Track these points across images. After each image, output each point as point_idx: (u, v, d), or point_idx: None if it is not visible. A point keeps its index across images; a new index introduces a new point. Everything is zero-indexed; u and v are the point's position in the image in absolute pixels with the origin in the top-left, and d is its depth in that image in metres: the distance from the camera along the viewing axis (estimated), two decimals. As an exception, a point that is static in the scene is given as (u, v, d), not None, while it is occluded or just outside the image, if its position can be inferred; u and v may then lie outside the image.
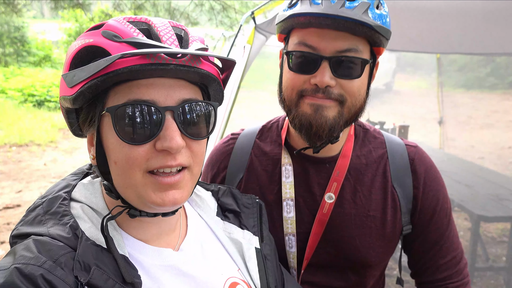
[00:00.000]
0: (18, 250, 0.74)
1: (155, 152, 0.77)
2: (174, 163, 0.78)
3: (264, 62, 15.92)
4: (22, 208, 5.60)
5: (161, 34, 0.77)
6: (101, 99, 0.78)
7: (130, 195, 0.81)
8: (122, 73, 0.72)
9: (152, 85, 0.76)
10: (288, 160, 1.31)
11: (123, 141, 0.76)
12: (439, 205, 1.30)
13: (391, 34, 1.15)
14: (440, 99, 6.95)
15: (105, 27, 0.77)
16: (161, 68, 0.73)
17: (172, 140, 0.75)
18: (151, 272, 0.84)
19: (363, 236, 1.26)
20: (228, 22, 6.36)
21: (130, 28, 0.76)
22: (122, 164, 0.78)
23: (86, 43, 0.76)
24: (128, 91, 0.76)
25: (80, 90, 0.75)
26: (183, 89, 0.79)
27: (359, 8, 1.06)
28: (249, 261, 1.01)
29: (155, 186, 0.79)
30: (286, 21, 1.15)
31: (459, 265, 1.34)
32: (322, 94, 1.12)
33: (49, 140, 9.06)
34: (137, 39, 0.74)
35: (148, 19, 0.80)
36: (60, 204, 0.84)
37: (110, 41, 0.74)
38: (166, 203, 0.79)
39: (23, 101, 12.02)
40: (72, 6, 6.03)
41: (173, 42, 0.77)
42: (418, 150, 1.34)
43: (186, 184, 0.82)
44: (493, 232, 5.02)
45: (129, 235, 0.87)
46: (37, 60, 16.78)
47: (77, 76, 0.75)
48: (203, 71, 0.78)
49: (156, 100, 0.76)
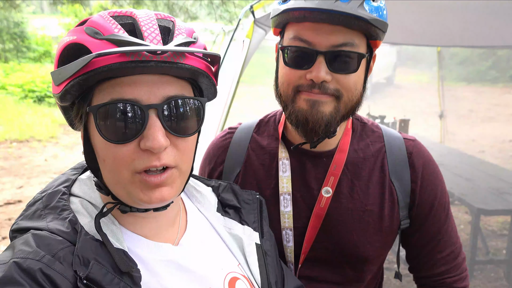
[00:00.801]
0: (17, 245, 0.74)
1: (140, 152, 0.76)
2: (158, 163, 0.77)
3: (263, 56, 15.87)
4: (23, 203, 5.62)
5: (144, 29, 0.75)
6: (87, 97, 0.77)
7: (119, 191, 0.81)
8: (102, 71, 0.71)
9: (134, 83, 0.75)
10: (285, 155, 1.30)
11: (106, 140, 0.75)
12: (437, 199, 1.30)
13: (387, 26, 1.14)
14: (440, 93, 6.94)
15: (88, 23, 0.76)
16: (141, 65, 0.71)
17: (154, 140, 0.74)
18: (151, 266, 0.84)
19: (361, 231, 1.25)
20: (228, 16, 6.33)
21: (112, 24, 0.75)
22: (109, 162, 0.78)
23: (70, 40, 0.75)
24: (111, 90, 0.75)
25: (65, 89, 0.74)
26: (168, 85, 0.77)
27: (354, 2, 1.04)
28: (250, 257, 1.00)
29: (143, 185, 0.78)
30: (280, 15, 1.14)
31: (457, 259, 1.34)
32: (318, 89, 1.11)
33: (49, 135, 9.06)
34: (117, 36, 0.72)
35: (132, 13, 0.79)
36: (59, 199, 0.84)
37: (92, 38, 0.73)
38: (153, 201, 0.79)
39: (23, 97, 12.01)
40: (71, 1, 6.01)
41: (155, 37, 0.75)
42: (416, 144, 1.33)
43: (174, 181, 0.82)
44: (494, 226, 5.02)
45: (127, 230, 0.87)
46: (37, 56, 16.73)
47: (62, 75, 0.74)
48: (187, 66, 0.76)
49: (139, 98, 0.75)
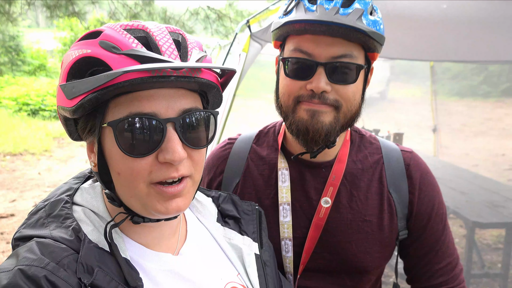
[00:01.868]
0: (21, 252, 0.74)
1: (158, 164, 0.78)
2: (176, 175, 0.78)
3: (259, 70, 15.97)
4: (16, 217, 5.56)
5: (160, 44, 0.76)
6: (101, 111, 0.78)
7: (134, 204, 0.82)
8: (123, 86, 0.71)
9: (152, 97, 0.76)
10: (284, 165, 1.32)
11: (126, 154, 0.76)
12: (434, 210, 1.31)
13: (385, 39, 1.17)
14: (434, 107, 6.99)
15: (102, 37, 0.76)
16: (162, 80, 0.72)
17: (175, 153, 0.76)
18: (152, 276, 0.84)
19: (360, 241, 1.26)
20: (224, 30, 6.39)
21: (128, 38, 0.75)
22: (126, 175, 0.78)
23: (84, 53, 0.75)
24: (129, 104, 0.76)
25: (80, 103, 0.74)
26: (183, 98, 0.79)
27: (353, 15, 1.08)
28: (249, 267, 1.01)
29: (159, 196, 0.79)
30: (281, 28, 1.17)
31: (454, 270, 1.34)
32: (318, 99, 1.13)
33: (43, 149, 9.02)
34: (136, 51, 0.73)
35: (145, 26, 0.80)
36: (62, 207, 0.85)
37: (109, 52, 0.73)
38: (170, 212, 0.80)
39: (18, 110, 11.97)
40: (68, 15, 6.04)
41: (172, 52, 0.76)
42: (413, 156, 1.35)
43: (188, 191, 0.83)
44: (489, 239, 5.03)
45: (130, 239, 0.88)
46: (32, 69, 16.74)
47: (77, 88, 0.74)
48: (203, 80, 0.78)
49: (157, 112, 0.76)
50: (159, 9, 6.49)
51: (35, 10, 6.00)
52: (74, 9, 5.90)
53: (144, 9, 6.34)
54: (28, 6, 5.49)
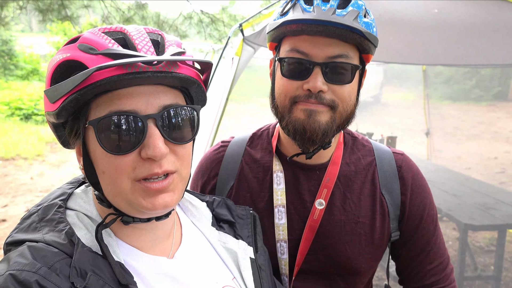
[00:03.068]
0: (12, 257, 0.74)
1: (141, 161, 0.78)
2: (160, 171, 0.78)
3: (252, 75, 15.99)
4: (7, 223, 5.50)
5: (136, 42, 0.78)
6: (83, 112, 0.79)
7: (121, 202, 0.81)
8: (100, 85, 0.72)
9: (132, 94, 0.77)
10: (279, 167, 1.32)
11: (108, 152, 0.77)
12: (426, 211, 1.33)
13: (378, 41, 1.19)
14: (426, 110, 7.04)
15: (80, 40, 0.77)
16: (138, 76, 0.73)
17: (155, 149, 0.76)
18: (146, 279, 0.84)
19: (353, 243, 1.27)
20: (217, 35, 6.40)
21: (105, 39, 0.76)
22: (110, 173, 0.79)
23: (64, 57, 0.76)
24: (109, 102, 0.76)
25: (62, 105, 0.75)
26: (163, 95, 0.80)
27: (349, 16, 1.10)
28: (244, 271, 1.01)
29: (145, 192, 0.79)
30: (278, 29, 1.18)
31: (445, 270, 1.36)
32: (315, 99, 1.14)
33: (36, 153, 8.95)
34: (112, 50, 0.74)
35: (122, 28, 0.81)
36: (55, 212, 0.85)
37: (86, 54, 0.75)
38: (157, 207, 0.80)
39: (10, 115, 11.90)
40: (61, 19, 6.03)
41: (148, 49, 0.78)
42: (405, 158, 1.37)
43: (175, 186, 0.83)
44: (481, 241, 5.06)
45: (124, 242, 0.87)
46: (25, 74, 16.66)
47: (58, 91, 0.75)
48: (181, 75, 0.79)
49: (137, 109, 0.77)
50: (152, 13, 6.49)
51: (28, 14, 5.98)
52: (66, 13, 5.89)
53: (137, 13, 6.35)
54: (20, 10, 5.47)
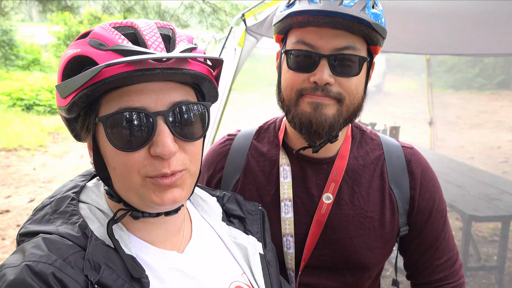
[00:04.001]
0: (27, 248, 0.74)
1: (150, 158, 0.77)
2: (168, 171, 0.78)
3: (255, 64, 15.93)
4: (11, 213, 5.53)
5: (147, 38, 0.77)
6: (94, 107, 0.78)
7: (132, 197, 0.81)
8: (110, 81, 0.72)
9: (141, 91, 0.76)
10: (286, 161, 1.31)
11: (117, 148, 0.76)
12: (435, 206, 1.31)
13: (386, 33, 1.16)
14: (430, 100, 7.00)
15: (91, 36, 0.77)
16: (148, 73, 0.72)
17: (164, 147, 0.75)
18: (157, 273, 0.84)
19: (361, 237, 1.26)
20: (219, 24, 6.36)
21: (115, 35, 0.76)
22: (120, 169, 0.78)
23: (74, 53, 0.76)
24: (119, 99, 0.76)
25: (72, 101, 0.75)
26: (173, 91, 0.79)
27: (357, 6, 1.08)
28: (254, 266, 1.01)
29: (155, 187, 0.79)
30: (284, 20, 1.16)
31: (454, 266, 1.35)
32: (321, 92, 1.12)
33: (38, 144, 8.97)
34: (122, 46, 0.74)
35: (133, 23, 0.80)
36: (68, 204, 0.85)
37: (97, 49, 0.74)
38: (165, 202, 0.80)
39: (12, 105, 11.89)
40: (61, 9, 5.98)
41: (158, 45, 0.77)
42: (414, 152, 1.35)
43: (184, 182, 0.83)
44: (484, 232, 5.06)
45: (135, 236, 0.88)
46: (26, 64, 16.63)
47: (68, 87, 0.75)
48: (191, 72, 0.78)
49: (146, 106, 0.76)
50: (153, 3, 6.44)
51: (28, 4, 5.93)
52: (66, 3, 5.84)
53: (138, 3, 6.29)
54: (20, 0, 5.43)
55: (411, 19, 3.36)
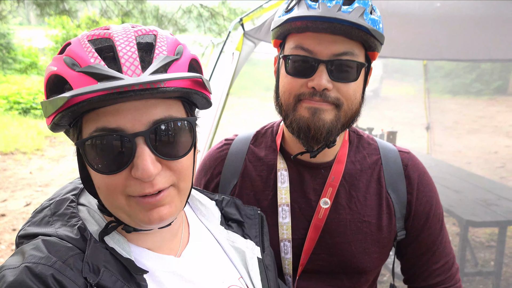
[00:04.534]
0: (27, 250, 0.74)
1: (132, 179, 0.75)
2: (151, 190, 0.75)
3: (252, 68, 15.94)
4: (7, 217, 5.49)
5: (121, 55, 0.72)
6: (77, 126, 0.77)
7: (120, 215, 0.80)
8: (83, 106, 0.69)
9: (117, 112, 0.73)
10: (283, 165, 1.31)
11: (97, 171, 0.75)
12: (432, 210, 1.31)
13: (384, 38, 1.17)
14: (427, 105, 7.02)
15: (66, 52, 0.74)
16: (121, 96, 0.68)
17: (144, 170, 0.72)
18: (156, 277, 0.84)
19: (358, 242, 1.26)
20: (217, 29, 6.36)
21: (88, 52, 0.72)
22: (104, 190, 0.78)
23: (52, 71, 0.74)
24: (96, 119, 0.73)
25: (53, 122, 0.74)
26: (153, 108, 0.75)
27: (355, 12, 1.08)
28: (252, 270, 1.01)
29: (140, 206, 0.77)
30: (283, 26, 1.16)
31: (451, 270, 1.35)
32: (319, 97, 1.13)
33: (35, 148, 8.93)
34: (92, 68, 0.70)
35: (111, 34, 0.76)
36: (68, 206, 0.85)
37: (70, 69, 0.71)
38: (153, 222, 0.78)
39: (9, 109, 11.85)
40: (59, 13, 5.98)
41: (132, 63, 0.72)
42: (411, 156, 1.35)
43: (172, 199, 0.80)
44: (481, 237, 5.06)
45: (131, 244, 0.87)
46: (23, 67, 16.58)
47: (48, 108, 0.73)
48: (170, 89, 0.72)
49: (123, 127, 0.73)
50: (151, 7, 6.44)
51: (26, 7, 5.93)
52: (64, 7, 5.84)
53: (136, 7, 6.29)
54: (17, 3, 5.42)
55: (409, 24, 3.37)
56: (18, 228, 5.12)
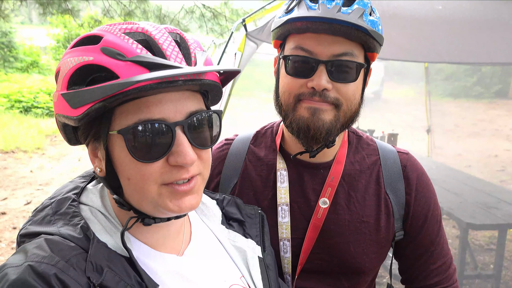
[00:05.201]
0: (29, 248, 0.74)
1: (168, 167, 0.78)
2: (187, 176, 0.79)
3: (254, 69, 15.95)
4: (7, 216, 5.50)
5: (164, 48, 0.76)
6: (107, 118, 0.77)
7: (145, 206, 0.81)
8: (131, 93, 0.71)
9: (160, 102, 0.76)
10: (283, 165, 1.31)
11: (138, 160, 0.76)
12: (430, 211, 1.32)
13: (383, 40, 1.18)
14: (428, 107, 7.02)
15: (104, 43, 0.74)
16: (171, 85, 0.72)
17: (187, 156, 0.76)
18: (158, 276, 0.84)
19: (357, 242, 1.26)
20: (219, 29, 6.37)
21: (131, 44, 0.74)
22: (136, 180, 0.78)
23: (86, 61, 0.73)
24: (137, 110, 0.75)
25: (87, 112, 0.73)
26: (189, 101, 0.80)
27: (355, 13, 1.09)
28: (253, 269, 1.02)
29: (172, 195, 0.80)
30: (283, 26, 1.17)
31: (449, 270, 1.36)
32: (319, 97, 1.14)
33: (35, 146, 8.94)
34: (143, 58, 0.72)
35: (144, 29, 0.78)
36: (69, 205, 0.85)
37: (114, 59, 0.72)
38: (183, 209, 0.81)
39: (10, 107, 11.86)
40: (61, 12, 5.99)
41: (177, 56, 0.76)
42: (410, 157, 1.36)
43: (199, 188, 0.84)
44: (481, 240, 5.06)
45: (136, 239, 0.88)
46: (25, 66, 16.61)
47: (82, 98, 0.72)
48: (209, 82, 0.79)
49: (166, 117, 0.76)
50: (153, 7, 6.45)
51: (28, 6, 5.94)
52: (67, 6, 5.86)
53: (138, 6, 6.30)
54: (20, 2, 5.44)
55: (411, 27, 3.38)
56: (19, 227, 5.12)
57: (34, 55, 17.28)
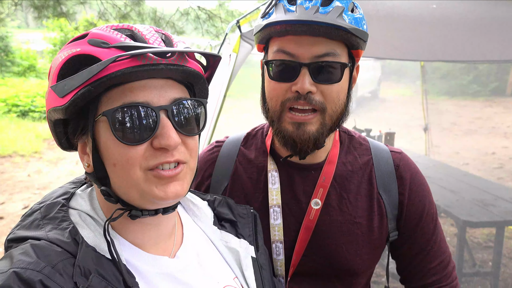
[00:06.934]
0: (15, 254, 0.73)
1: (152, 150, 0.79)
2: (171, 159, 0.80)
3: (249, 71, 15.94)
4: (5, 220, 5.49)
5: (147, 37, 0.80)
6: (93, 105, 0.79)
7: (132, 194, 0.81)
8: (115, 76, 0.73)
9: (144, 87, 0.78)
10: (274, 167, 1.31)
11: (122, 142, 0.77)
12: (425, 210, 1.31)
13: (368, 36, 1.16)
14: (424, 106, 7.04)
15: (90, 36, 0.78)
16: (152, 68, 0.75)
17: (170, 138, 0.78)
18: (148, 279, 0.84)
19: (350, 244, 1.25)
20: (214, 31, 6.37)
21: (116, 34, 0.78)
22: (122, 164, 0.79)
23: (73, 52, 0.77)
24: (122, 95, 0.77)
25: (73, 98, 0.75)
26: (173, 88, 0.82)
27: (333, 13, 1.07)
28: (246, 270, 1.01)
29: (157, 180, 0.80)
30: (263, 30, 1.16)
31: (447, 268, 1.35)
32: (304, 100, 1.12)
33: (33, 150, 8.92)
34: (125, 43, 0.76)
35: (130, 26, 0.82)
36: (59, 210, 0.85)
37: (98, 48, 0.76)
38: (169, 196, 0.81)
39: (7, 112, 11.83)
40: (56, 15, 5.98)
41: (160, 44, 0.79)
42: (403, 157, 1.35)
43: (185, 176, 0.85)
44: (479, 237, 5.07)
45: (126, 240, 0.87)
46: (22, 70, 16.56)
47: (68, 85, 0.75)
48: (190, 69, 0.81)
49: (149, 101, 0.78)
50: (149, 9, 6.46)
51: (24, 10, 5.93)
52: (62, 10, 5.85)
53: (133, 9, 6.31)
54: (15, 6, 5.43)
55: (406, 26, 3.38)
56: (16, 231, 5.12)
57: (31, 59, 17.22)
